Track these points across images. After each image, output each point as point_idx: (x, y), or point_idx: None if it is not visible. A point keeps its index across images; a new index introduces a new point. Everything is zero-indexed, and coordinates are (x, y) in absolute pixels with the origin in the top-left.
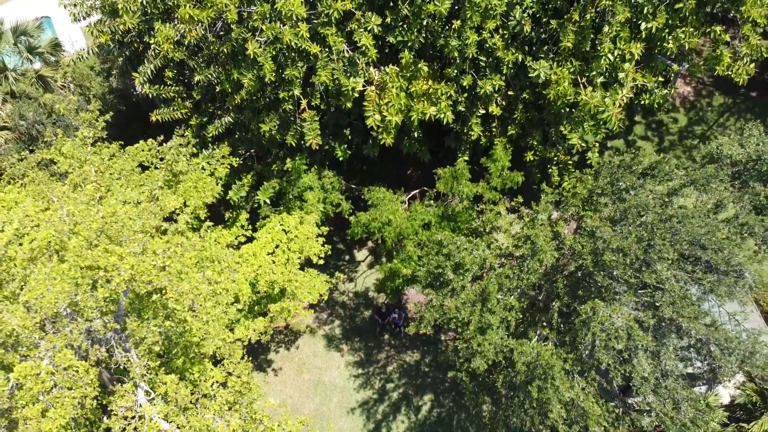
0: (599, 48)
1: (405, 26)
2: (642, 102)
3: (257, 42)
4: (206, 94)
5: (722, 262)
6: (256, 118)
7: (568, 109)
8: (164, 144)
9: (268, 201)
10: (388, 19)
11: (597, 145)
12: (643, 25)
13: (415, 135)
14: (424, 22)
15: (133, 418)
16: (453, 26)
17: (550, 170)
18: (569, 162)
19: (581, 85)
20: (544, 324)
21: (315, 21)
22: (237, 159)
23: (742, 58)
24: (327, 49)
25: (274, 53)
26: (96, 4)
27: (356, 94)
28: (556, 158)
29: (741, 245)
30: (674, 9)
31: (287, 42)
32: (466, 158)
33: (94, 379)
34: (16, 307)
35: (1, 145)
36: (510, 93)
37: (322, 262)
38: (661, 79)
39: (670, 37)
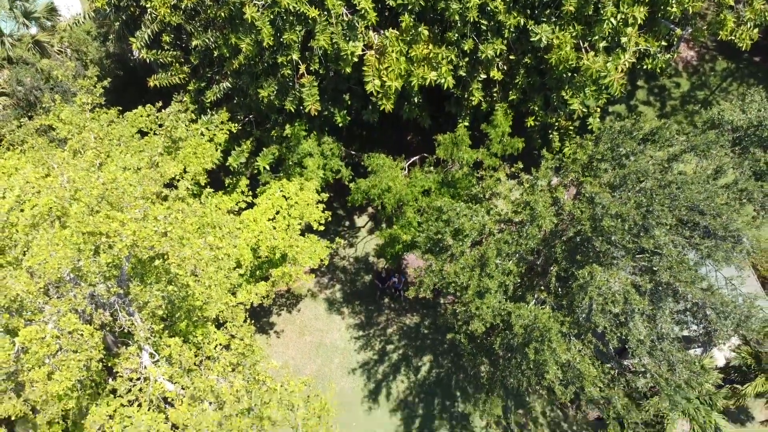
0: (602, 12)
1: None
2: (644, 66)
3: (255, 6)
4: (204, 59)
5: (720, 227)
6: (254, 84)
7: (569, 74)
8: (163, 110)
9: (267, 167)
10: None
11: (598, 110)
12: None
13: (415, 100)
14: None
15: (138, 379)
16: None
17: (550, 136)
18: (570, 127)
19: (583, 49)
20: (542, 288)
21: None
22: (236, 125)
23: (745, 23)
24: (326, 13)
25: (272, 17)
26: None
27: (355, 59)
28: (557, 124)
29: (740, 211)
30: None
31: (285, 5)
32: (467, 124)
33: (98, 342)
34: (19, 272)
35: (0, 111)
36: (511, 57)
37: (322, 228)
38: (664, 43)
39: (673, 1)
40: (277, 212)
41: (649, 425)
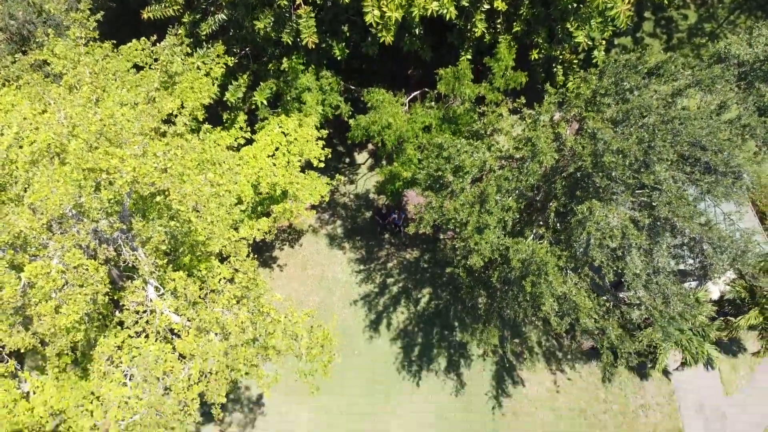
0: None
1: None
2: None
3: None
4: None
5: (721, 163)
6: (250, 15)
7: (575, 5)
8: (158, 43)
9: (265, 102)
10: None
11: (603, 42)
12: None
13: (416, 32)
14: None
15: (144, 312)
16: None
17: (554, 69)
18: (574, 61)
19: None
20: (541, 223)
21: None
22: (232, 58)
23: None
24: None
25: None
26: None
27: None
28: (561, 57)
29: (741, 146)
30: None
31: None
32: (469, 57)
33: (104, 277)
34: (21, 209)
35: None
36: None
37: (322, 165)
38: None
39: None
40: (277, 149)
41: (641, 355)
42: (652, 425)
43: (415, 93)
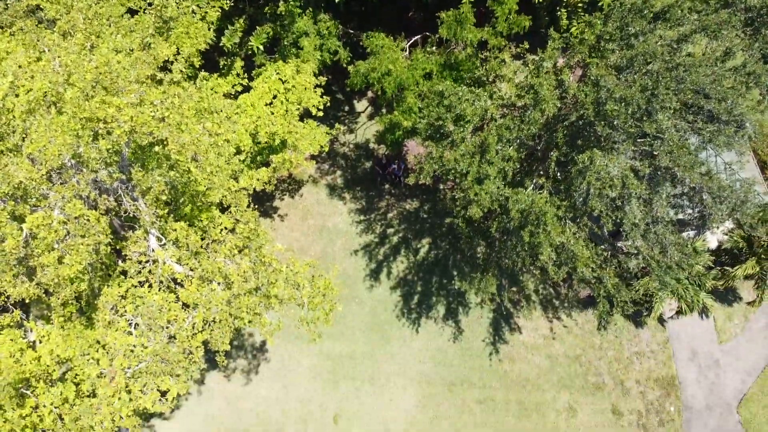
0: None
1: None
2: None
3: None
4: None
5: (724, 111)
6: None
7: None
8: None
9: (262, 47)
10: None
11: None
12: None
13: None
14: None
15: (147, 262)
16: None
17: (558, 13)
18: (579, 4)
19: None
20: (541, 173)
21: None
22: (227, 1)
23: None
24: None
25: None
26: None
27: None
28: (565, 0)
29: (745, 95)
30: None
31: None
32: None
33: (105, 227)
34: (20, 159)
35: None
36: None
37: (321, 114)
38: None
39: None
40: (275, 96)
41: (637, 303)
42: (646, 372)
43: (416, 37)
